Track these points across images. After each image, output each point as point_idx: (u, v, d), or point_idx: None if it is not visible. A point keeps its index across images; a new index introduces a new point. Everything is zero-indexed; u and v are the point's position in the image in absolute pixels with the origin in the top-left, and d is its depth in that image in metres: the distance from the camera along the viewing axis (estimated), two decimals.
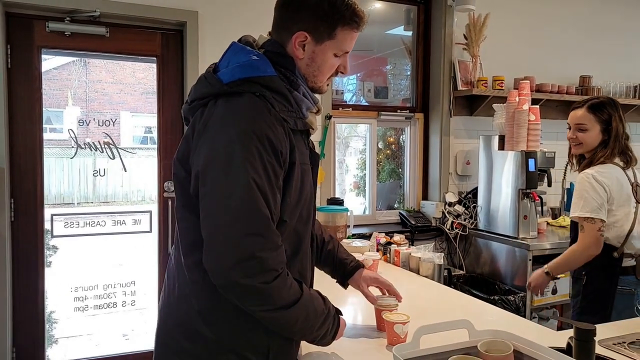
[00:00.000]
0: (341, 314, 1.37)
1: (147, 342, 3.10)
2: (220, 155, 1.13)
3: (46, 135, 2.84)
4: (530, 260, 3.07)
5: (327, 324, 1.29)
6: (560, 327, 3.02)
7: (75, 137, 2.90)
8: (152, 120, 3.09)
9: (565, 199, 3.93)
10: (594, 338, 1.20)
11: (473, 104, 3.77)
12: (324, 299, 1.31)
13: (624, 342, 1.52)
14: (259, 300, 1.13)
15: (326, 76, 1.32)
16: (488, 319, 1.81)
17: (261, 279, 1.11)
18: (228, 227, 1.10)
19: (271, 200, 1.14)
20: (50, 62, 2.91)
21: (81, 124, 2.93)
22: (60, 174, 2.94)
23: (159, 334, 1.31)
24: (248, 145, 1.12)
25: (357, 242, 2.61)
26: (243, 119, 1.15)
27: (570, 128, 2.31)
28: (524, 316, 2.94)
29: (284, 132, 1.19)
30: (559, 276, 3.15)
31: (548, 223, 3.64)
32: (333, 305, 1.34)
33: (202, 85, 1.25)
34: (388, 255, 2.75)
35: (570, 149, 2.38)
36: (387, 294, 1.70)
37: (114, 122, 2.99)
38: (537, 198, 3.21)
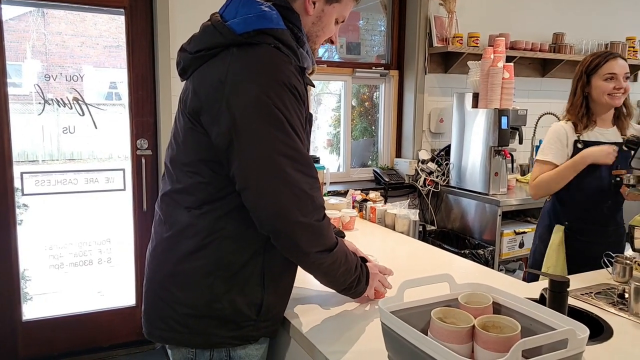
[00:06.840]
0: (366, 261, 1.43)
1: (121, 298, 3.12)
2: (255, 106, 1.11)
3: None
4: (499, 215, 3.16)
5: (358, 269, 1.34)
6: (523, 279, 3.15)
7: (42, 92, 2.78)
8: (118, 75, 2.97)
9: (535, 156, 4.03)
10: (567, 289, 1.26)
11: (448, 61, 3.77)
12: None
13: (591, 292, 1.60)
14: (313, 239, 1.17)
15: (323, 39, 1.33)
16: (461, 271, 1.88)
17: (316, 216, 1.16)
18: (279, 171, 1.12)
19: (305, 144, 1.19)
20: (5, 12, 2.73)
21: (47, 78, 2.80)
22: (23, 131, 2.80)
23: (149, 287, 1.29)
24: (280, 93, 1.12)
25: (334, 200, 2.63)
26: (269, 68, 1.14)
27: (612, 78, 2.16)
28: (493, 268, 3.06)
29: (304, 83, 1.21)
30: (526, 231, 3.32)
31: (517, 180, 3.74)
32: None
33: (211, 34, 1.20)
34: (364, 212, 2.79)
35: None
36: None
37: (82, 77, 2.86)
38: (508, 155, 3.28)
